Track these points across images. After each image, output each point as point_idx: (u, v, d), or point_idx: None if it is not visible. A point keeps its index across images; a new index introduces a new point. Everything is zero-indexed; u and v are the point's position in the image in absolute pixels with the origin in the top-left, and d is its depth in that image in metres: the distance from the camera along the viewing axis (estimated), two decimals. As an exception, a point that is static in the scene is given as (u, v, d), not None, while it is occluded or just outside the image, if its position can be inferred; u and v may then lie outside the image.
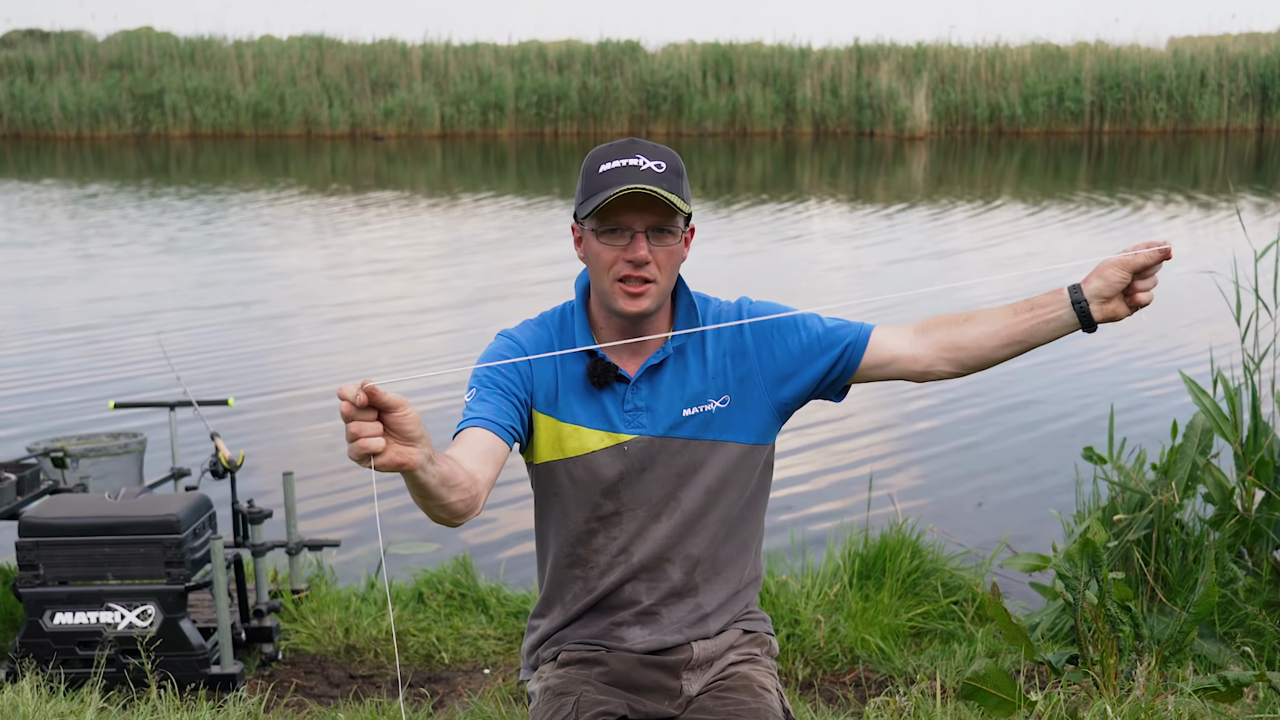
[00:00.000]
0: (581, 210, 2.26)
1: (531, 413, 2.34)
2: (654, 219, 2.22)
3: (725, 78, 32.16)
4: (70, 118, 30.43)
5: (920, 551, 4.73)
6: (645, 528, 2.36)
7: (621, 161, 2.22)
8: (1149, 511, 4.17)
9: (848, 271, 13.38)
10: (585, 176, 2.26)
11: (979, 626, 4.43)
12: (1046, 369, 8.98)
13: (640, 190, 2.17)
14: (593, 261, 2.27)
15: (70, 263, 14.17)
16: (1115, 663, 3.34)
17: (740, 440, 2.35)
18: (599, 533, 2.38)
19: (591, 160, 2.27)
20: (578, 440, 2.33)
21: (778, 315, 2.34)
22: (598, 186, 2.22)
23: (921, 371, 2.31)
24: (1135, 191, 20.57)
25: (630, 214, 2.21)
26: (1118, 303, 2.19)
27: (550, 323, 2.40)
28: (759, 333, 2.36)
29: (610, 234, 2.23)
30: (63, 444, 4.98)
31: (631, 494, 2.34)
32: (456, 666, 4.39)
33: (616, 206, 2.20)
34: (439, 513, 2.02)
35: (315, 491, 6.54)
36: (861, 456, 7.13)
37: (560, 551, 2.43)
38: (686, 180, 2.29)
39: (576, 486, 2.35)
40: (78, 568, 4.01)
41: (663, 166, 2.23)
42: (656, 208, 2.21)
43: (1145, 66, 31.32)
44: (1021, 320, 2.26)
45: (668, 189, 2.20)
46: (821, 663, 4.28)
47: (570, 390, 2.34)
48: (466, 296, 12.06)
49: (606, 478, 2.33)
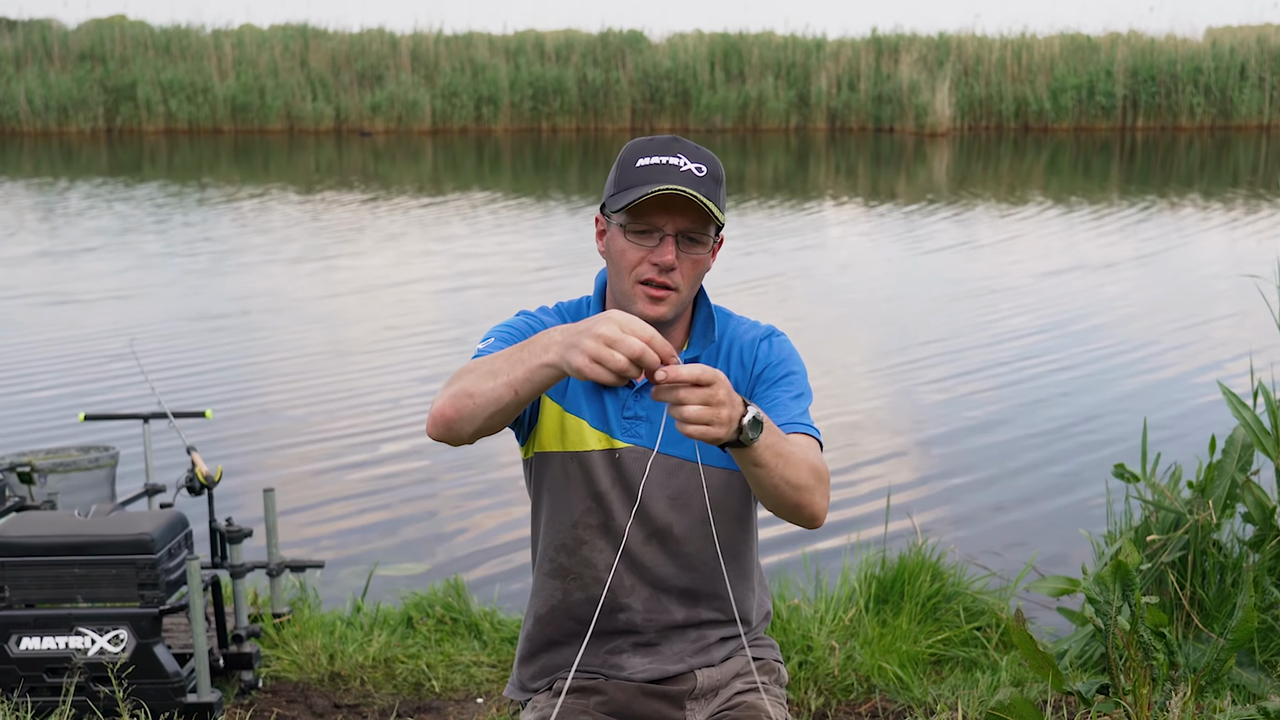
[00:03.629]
0: (613, 203, 2.26)
1: (540, 396, 2.35)
2: (687, 224, 2.23)
3: (735, 70, 32.23)
4: (38, 112, 30.48)
5: (941, 574, 4.74)
6: (637, 551, 2.37)
7: (662, 159, 2.23)
8: (1185, 532, 4.18)
9: (859, 275, 13.40)
10: (620, 168, 2.27)
11: (1003, 654, 4.44)
12: (1075, 379, 8.99)
13: (678, 192, 2.18)
14: (615, 259, 2.28)
15: (38, 266, 14.20)
16: (1149, 693, 3.35)
17: (732, 466, 2.35)
18: (586, 543, 2.38)
19: (629, 152, 2.28)
20: (579, 435, 2.35)
21: (784, 373, 2.35)
22: (634, 181, 2.23)
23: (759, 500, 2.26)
24: (1171, 191, 20.59)
25: (663, 215, 2.22)
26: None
27: (566, 313, 2.42)
28: (760, 377, 2.37)
29: (639, 234, 2.24)
30: (29, 458, 4.98)
31: (623, 507, 2.35)
32: (448, 695, 4.40)
33: (650, 206, 2.21)
34: (485, 411, 2.07)
35: (297, 508, 6.56)
36: (878, 472, 7.13)
37: (545, 556, 2.44)
38: (724, 188, 2.30)
39: (570, 483, 2.37)
40: (45, 590, 4.02)
41: (703, 170, 2.24)
42: (691, 212, 2.22)
43: (1182, 58, 31.36)
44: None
45: (706, 195, 2.21)
46: (836, 692, 4.29)
47: (579, 382, 2.35)
48: (457, 294, 12.09)
49: (599, 481, 2.35)
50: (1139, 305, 11.80)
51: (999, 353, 9.85)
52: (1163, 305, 11.85)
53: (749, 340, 2.40)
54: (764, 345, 2.39)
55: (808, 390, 2.38)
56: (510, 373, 2.03)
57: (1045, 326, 10.79)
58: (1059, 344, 10.10)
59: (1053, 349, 9.92)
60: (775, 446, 2.05)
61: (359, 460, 7.44)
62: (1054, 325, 10.83)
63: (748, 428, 1.96)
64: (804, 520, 2.19)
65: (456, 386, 2.09)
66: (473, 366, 2.11)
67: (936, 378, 9.14)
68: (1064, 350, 9.87)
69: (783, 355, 2.38)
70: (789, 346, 2.41)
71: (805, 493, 2.13)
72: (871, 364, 9.70)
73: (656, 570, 2.38)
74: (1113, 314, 11.34)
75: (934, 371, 9.31)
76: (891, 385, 9.07)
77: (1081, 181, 22.53)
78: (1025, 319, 11.12)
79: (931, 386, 8.94)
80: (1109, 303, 11.83)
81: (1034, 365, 9.43)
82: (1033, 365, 9.43)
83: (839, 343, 10.40)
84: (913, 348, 10.07)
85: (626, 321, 1.89)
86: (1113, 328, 10.79)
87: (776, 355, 2.38)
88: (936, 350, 9.96)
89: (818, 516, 2.18)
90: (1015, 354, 9.79)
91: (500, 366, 2.04)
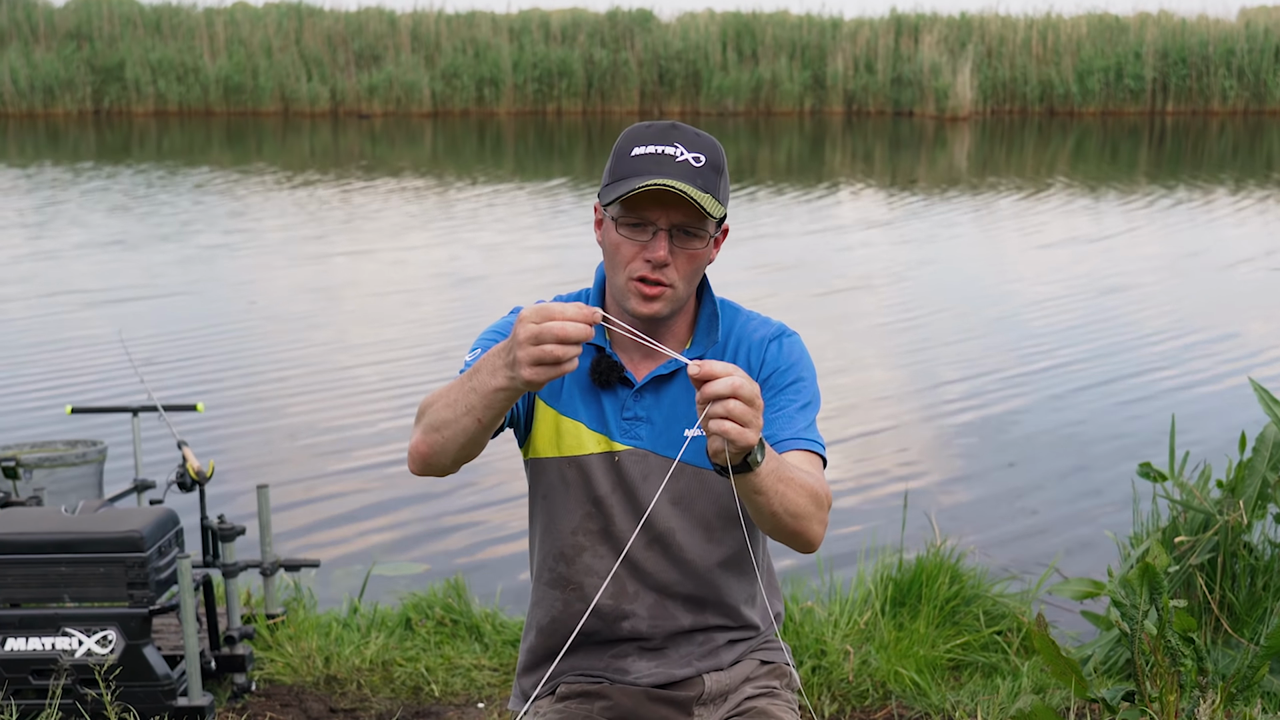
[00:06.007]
0: (605, 195, 2.25)
1: (534, 400, 2.36)
2: (680, 218, 2.21)
3: (747, 51, 32.20)
4: (22, 93, 30.51)
5: (960, 576, 4.74)
6: (639, 556, 2.36)
7: (657, 148, 2.22)
8: (1214, 533, 4.17)
9: (878, 266, 13.39)
10: (615, 157, 2.26)
11: (1024, 659, 4.44)
12: (1099, 374, 8.98)
13: (669, 188, 2.17)
14: (610, 253, 2.28)
15: (22, 253, 14.23)
16: (1176, 700, 3.35)
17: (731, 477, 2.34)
18: (586, 550, 2.38)
19: (625, 140, 2.27)
20: (575, 438, 2.35)
21: (793, 379, 2.34)
22: (628, 171, 2.22)
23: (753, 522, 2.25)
24: (1202, 178, 20.55)
25: (656, 209, 2.21)
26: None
27: None
28: (767, 382, 2.34)
29: (632, 227, 2.23)
30: (14, 453, 5.00)
31: (623, 513, 2.35)
32: (448, 700, 4.41)
33: (643, 199, 2.20)
34: (455, 443, 2.13)
35: (292, 505, 6.58)
36: (896, 471, 7.14)
37: (544, 565, 2.44)
38: (726, 177, 2.29)
39: (568, 489, 2.37)
40: (31, 589, 4.03)
41: (701, 160, 2.22)
42: (685, 206, 2.20)
43: (1214, 39, 31.28)
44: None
45: (702, 186, 2.19)
46: (850, 698, 4.30)
47: (575, 383, 2.36)
48: (457, 285, 12.10)
49: (598, 486, 2.35)
50: (1166, 297, 11.78)
51: (1019, 347, 9.84)
52: (1191, 297, 11.84)
53: (757, 340, 2.38)
54: (773, 347, 2.37)
55: (816, 397, 2.37)
56: (468, 402, 2.07)
57: (1067, 318, 10.78)
58: (1082, 337, 10.09)
59: (1075, 342, 9.91)
60: (777, 472, 2.05)
61: (356, 455, 7.45)
62: (1076, 317, 10.81)
63: (756, 449, 1.97)
64: (798, 547, 2.20)
65: (424, 422, 2.16)
66: (434, 399, 2.16)
67: (955, 376, 9.14)
68: (1087, 343, 9.85)
69: (792, 359, 2.36)
70: (800, 348, 2.39)
71: (803, 520, 2.13)
72: (888, 359, 9.70)
73: (660, 576, 2.39)
74: (1139, 307, 11.33)
75: (952, 367, 9.30)
76: (908, 380, 9.07)
77: (1108, 168, 22.49)
78: (1047, 311, 11.10)
79: (950, 382, 8.94)
80: (1135, 295, 11.81)
81: (1056, 359, 9.42)
82: (1055, 359, 9.42)
83: (853, 337, 10.40)
84: (930, 341, 10.06)
85: (535, 312, 1.92)
86: (1139, 321, 10.77)
87: (786, 359, 2.36)
88: (954, 343, 9.95)
89: (813, 543, 2.19)
90: (1036, 348, 9.77)
91: (458, 398, 2.09)
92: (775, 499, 2.06)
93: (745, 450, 1.94)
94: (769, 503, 2.06)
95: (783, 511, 2.09)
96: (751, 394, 1.91)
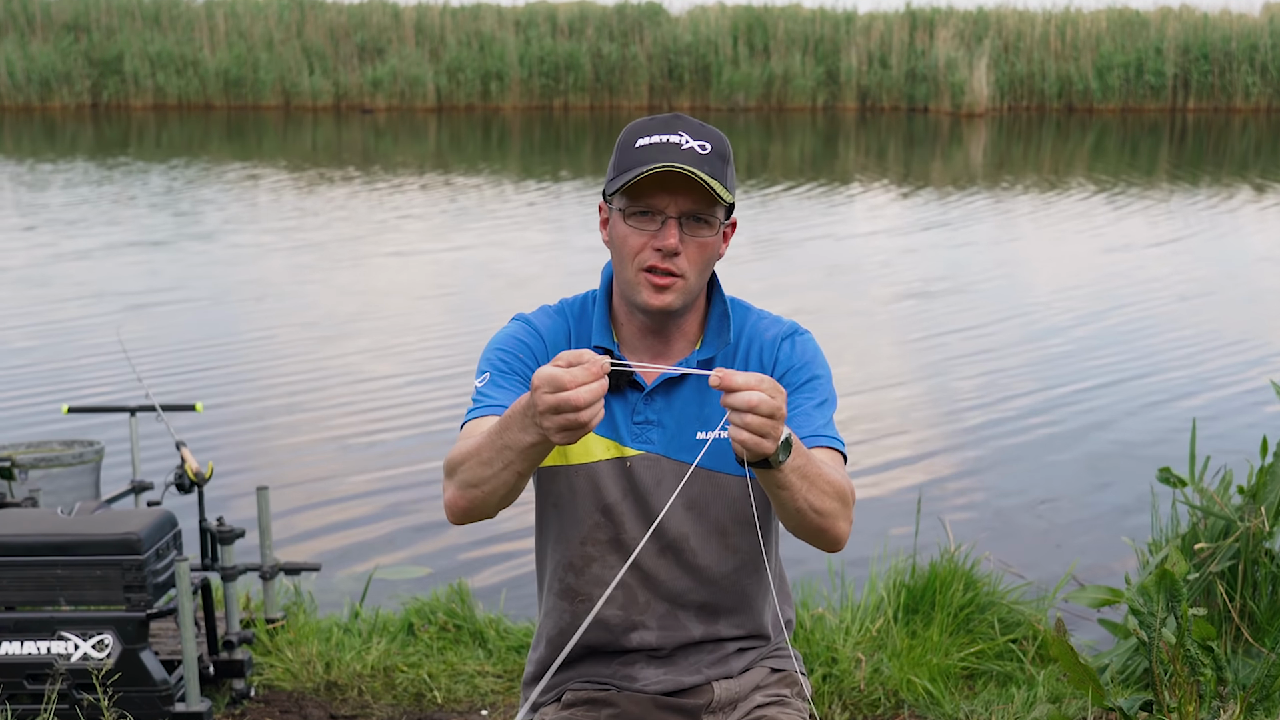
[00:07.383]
0: (610, 187, 2.26)
1: None
2: (690, 204, 2.22)
3: (759, 45, 32.18)
4: (19, 86, 30.57)
5: (975, 583, 4.74)
6: (650, 565, 2.36)
7: (661, 138, 2.22)
8: (1234, 540, 4.17)
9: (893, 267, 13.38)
10: (619, 150, 2.27)
11: (1040, 668, 4.44)
12: (1118, 376, 8.98)
13: (677, 170, 2.17)
14: (618, 247, 2.27)
15: (18, 249, 14.26)
16: (1195, 710, 3.35)
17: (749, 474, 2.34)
18: (596, 560, 2.38)
19: (628, 133, 2.28)
20: (584, 445, 2.34)
21: (808, 377, 2.34)
22: (631, 162, 2.22)
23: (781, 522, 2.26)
24: (1224, 177, 20.51)
25: (664, 196, 2.21)
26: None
27: (569, 312, 2.42)
28: (781, 381, 2.31)
29: (640, 216, 2.23)
30: (10, 452, 5.01)
31: (634, 521, 2.34)
32: (450, 707, 4.42)
33: (649, 187, 2.20)
34: (497, 495, 2.14)
35: (292, 508, 6.58)
36: (909, 474, 7.13)
37: (554, 576, 2.44)
38: (733, 167, 2.29)
39: (577, 498, 2.36)
40: (26, 591, 4.04)
41: (707, 148, 2.22)
42: (694, 192, 2.20)
43: (1237, 35, 31.22)
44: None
45: (709, 173, 2.19)
46: (862, 707, 4.30)
47: None
48: (462, 283, 12.11)
49: (608, 493, 2.34)
50: (1187, 299, 11.77)
51: (1036, 348, 9.84)
52: (1212, 299, 11.82)
53: (770, 339, 2.38)
54: (786, 345, 2.37)
55: (832, 396, 2.37)
56: (504, 459, 2.07)
57: (1086, 320, 10.77)
58: (1100, 339, 10.08)
59: (1094, 344, 9.90)
60: (802, 469, 2.05)
61: (357, 457, 7.46)
62: (1095, 319, 10.81)
63: (779, 448, 1.97)
64: (824, 544, 2.20)
65: (459, 479, 2.15)
66: (463, 457, 2.14)
67: (970, 374, 9.13)
68: (1106, 345, 9.85)
69: (806, 358, 2.36)
70: (813, 347, 2.39)
71: (828, 518, 2.13)
72: (902, 358, 9.69)
73: (671, 585, 2.38)
74: (1159, 308, 11.32)
75: (967, 367, 9.29)
76: (923, 381, 9.06)
77: (1128, 166, 22.46)
78: (1066, 311, 11.10)
79: (965, 383, 8.93)
80: (1155, 296, 11.80)
81: (1074, 361, 9.42)
82: (1073, 361, 9.42)
83: (868, 336, 10.40)
84: (945, 341, 10.05)
85: (547, 382, 1.90)
86: (1158, 322, 10.76)
87: (800, 358, 2.36)
88: (970, 344, 9.94)
89: (839, 540, 2.19)
90: (1054, 349, 9.77)
91: (492, 456, 2.09)
92: (800, 495, 2.07)
93: (764, 453, 1.95)
94: (794, 498, 2.07)
95: (808, 508, 2.09)
96: (773, 408, 1.91)
